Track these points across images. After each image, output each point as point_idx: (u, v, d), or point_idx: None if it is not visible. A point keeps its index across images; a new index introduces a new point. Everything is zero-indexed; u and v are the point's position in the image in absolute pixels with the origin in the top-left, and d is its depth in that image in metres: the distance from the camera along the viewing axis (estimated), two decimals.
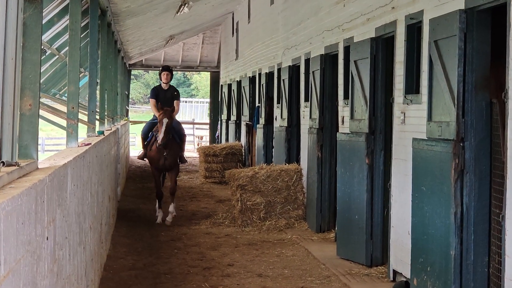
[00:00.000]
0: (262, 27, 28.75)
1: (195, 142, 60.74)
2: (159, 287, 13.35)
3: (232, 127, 36.87)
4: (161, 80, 20.90)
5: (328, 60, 18.66)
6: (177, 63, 49.50)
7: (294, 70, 22.81)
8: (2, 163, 6.67)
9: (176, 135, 20.06)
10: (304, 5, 21.52)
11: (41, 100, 8.70)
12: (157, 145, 19.65)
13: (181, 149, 20.86)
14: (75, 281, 8.99)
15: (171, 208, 20.67)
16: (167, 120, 19.39)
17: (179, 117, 26.44)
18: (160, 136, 19.53)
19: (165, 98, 21.34)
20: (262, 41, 28.57)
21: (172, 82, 23.14)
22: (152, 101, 21.31)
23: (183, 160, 20.61)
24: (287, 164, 21.65)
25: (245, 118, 32.86)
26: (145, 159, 21.65)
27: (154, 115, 21.21)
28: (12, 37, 7.34)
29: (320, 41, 19.33)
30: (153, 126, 20.55)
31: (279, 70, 24.84)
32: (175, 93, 21.08)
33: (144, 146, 20.09)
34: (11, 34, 7.25)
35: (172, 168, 20.38)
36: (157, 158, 19.58)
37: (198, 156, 34.47)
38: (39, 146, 8.05)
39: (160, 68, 20.57)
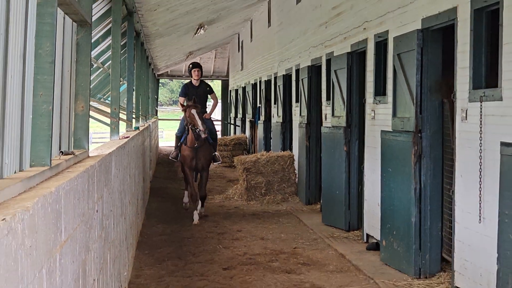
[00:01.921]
0: (261, 44, 28.67)
1: None
2: (183, 248, 13.35)
3: (238, 123, 36.90)
4: (191, 77, 17.06)
5: (314, 70, 18.61)
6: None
7: (287, 78, 22.75)
8: (61, 152, 6.69)
9: (209, 134, 16.20)
10: (295, 28, 21.49)
11: (90, 103, 8.69)
12: (202, 134, 15.60)
13: (214, 149, 16.92)
14: (118, 245, 9.01)
15: (199, 210, 16.58)
16: (195, 110, 15.67)
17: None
18: (199, 124, 15.56)
19: (197, 95, 16.94)
20: (262, 55, 28.50)
21: None
22: (181, 99, 17.27)
23: (216, 159, 16.91)
24: (282, 152, 21.62)
25: (249, 116, 32.82)
26: (177, 159, 17.35)
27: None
28: (68, 54, 7.37)
29: (307, 55, 19.30)
30: (184, 128, 16.56)
31: (275, 78, 24.80)
32: (208, 88, 17.09)
33: (177, 146, 16.53)
34: (67, 52, 7.28)
35: (204, 168, 16.59)
36: (191, 157, 16.02)
37: None
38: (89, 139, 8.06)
39: (190, 66, 16.94)
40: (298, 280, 10.97)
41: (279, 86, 23.75)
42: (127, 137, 12.95)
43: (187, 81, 20.89)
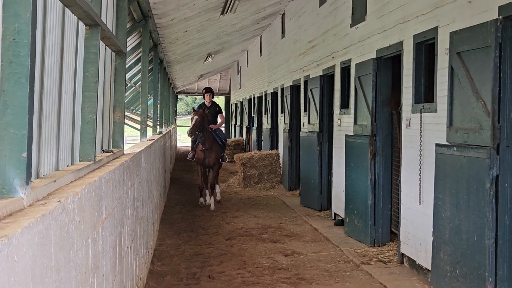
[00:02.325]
0: (255, 69, 28.65)
1: None
2: (195, 224, 13.36)
3: (237, 129, 36.97)
4: (204, 99, 16.77)
5: (294, 88, 18.59)
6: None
7: (274, 95, 22.71)
8: (103, 151, 6.73)
9: (219, 139, 16.03)
10: (280, 57, 21.48)
11: (125, 113, 8.70)
12: (187, 133, 15.60)
13: (223, 150, 16.37)
14: (146, 221, 9.01)
15: (213, 198, 15.87)
16: (196, 117, 15.32)
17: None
18: (189, 129, 15.53)
19: (209, 113, 16.58)
20: (255, 78, 28.48)
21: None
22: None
23: (224, 158, 16.20)
24: (270, 150, 21.59)
25: (245, 123, 32.76)
26: (193, 159, 16.58)
27: None
28: (108, 76, 7.39)
29: (289, 78, 19.29)
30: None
31: (265, 95, 24.75)
32: (217, 108, 16.63)
33: (193, 148, 16.17)
34: (108, 74, 7.30)
35: (213, 165, 15.82)
36: (202, 157, 15.59)
37: None
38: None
39: (203, 90, 16.81)
40: (282, 248, 10.99)
41: (268, 101, 23.72)
42: (153, 139, 12.96)
43: (198, 96, 21.84)
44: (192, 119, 15.35)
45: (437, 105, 8.38)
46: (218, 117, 16.53)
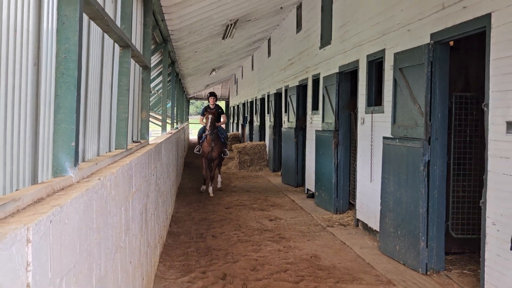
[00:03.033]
0: (248, 81, 28.62)
1: None
2: (202, 196, 13.38)
3: (235, 125, 36.96)
4: (209, 102, 14.79)
5: (277, 95, 18.57)
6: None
7: (262, 100, 22.66)
8: (133, 141, 6.70)
9: (221, 136, 14.29)
10: (267, 71, 21.46)
11: (150, 113, 8.68)
12: (207, 132, 13.68)
13: (225, 146, 14.53)
14: (165, 194, 9.00)
15: (212, 188, 14.06)
16: (211, 116, 13.65)
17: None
18: (208, 124, 13.64)
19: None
20: (248, 87, 28.44)
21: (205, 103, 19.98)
22: (201, 117, 14.67)
23: (225, 153, 14.51)
24: (259, 141, 21.61)
25: (241, 121, 32.73)
26: (199, 152, 14.52)
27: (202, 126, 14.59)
28: (137, 85, 7.37)
29: (274, 87, 19.28)
30: (204, 131, 14.24)
31: (255, 100, 24.70)
32: (220, 110, 14.70)
33: (199, 143, 14.34)
34: (137, 84, 7.28)
35: (216, 158, 14.15)
36: (207, 151, 13.92)
37: None
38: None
39: (208, 94, 15.01)
40: (268, 214, 11.00)
41: (258, 104, 23.69)
42: (170, 133, 12.94)
43: (205, 101, 19.75)
44: (207, 117, 13.72)
45: (384, 108, 8.41)
46: (221, 117, 14.90)
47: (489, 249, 5.56)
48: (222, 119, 14.70)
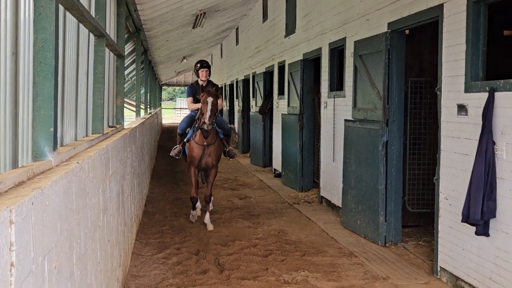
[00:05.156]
0: (218, 68, 28.43)
1: None
2: (176, 178, 13.32)
3: None
4: (198, 78, 8.47)
5: (245, 81, 18.53)
6: (180, 83, 49.06)
7: (231, 86, 22.59)
8: (109, 126, 6.63)
9: (220, 131, 8.26)
10: (235, 59, 21.37)
11: (124, 99, 8.60)
12: (204, 127, 7.53)
13: (227, 144, 8.60)
14: (141, 175, 8.94)
15: (207, 219, 8.09)
16: (211, 99, 7.49)
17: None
18: (207, 115, 7.43)
19: None
20: (218, 74, 28.23)
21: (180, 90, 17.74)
22: (189, 99, 8.45)
23: (232, 154, 8.62)
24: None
25: None
26: (178, 157, 8.44)
27: (191, 111, 8.52)
28: (112, 73, 7.28)
29: (242, 73, 19.24)
30: (191, 121, 8.31)
31: (225, 86, 24.65)
32: (214, 88, 7.90)
33: (181, 143, 8.30)
34: (111, 72, 7.18)
35: (212, 167, 8.15)
36: (199, 156, 7.92)
37: None
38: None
39: (198, 65, 8.47)
40: (238, 193, 11.04)
41: (227, 90, 23.66)
42: (144, 118, 12.83)
43: (177, 86, 17.88)
44: (205, 101, 7.53)
45: (345, 93, 8.47)
46: (219, 96, 8.13)
47: (442, 222, 5.70)
48: (218, 103, 7.96)
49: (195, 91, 8.27)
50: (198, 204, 8.72)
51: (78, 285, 2.91)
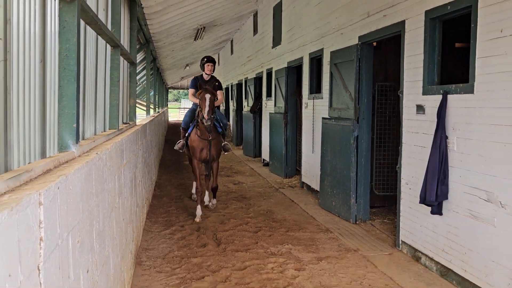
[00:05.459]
0: (215, 74, 28.25)
1: None
2: (180, 166, 13.26)
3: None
4: (203, 71, 7.69)
5: (239, 85, 18.44)
6: (184, 86, 48.67)
7: (227, 89, 22.45)
8: (123, 123, 6.58)
9: (218, 125, 7.54)
10: (230, 66, 21.28)
11: (136, 100, 8.54)
12: (203, 122, 6.78)
13: (223, 138, 7.64)
14: (150, 164, 8.89)
15: (210, 202, 8.09)
16: (209, 95, 6.84)
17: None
18: (205, 110, 6.75)
19: None
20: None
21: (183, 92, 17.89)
22: (191, 90, 7.57)
23: (226, 148, 7.56)
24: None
25: None
26: (182, 150, 7.69)
27: (193, 103, 7.73)
28: (126, 78, 7.22)
29: (236, 79, 19.15)
30: (193, 115, 7.68)
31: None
32: (217, 83, 7.53)
33: (184, 137, 7.67)
34: (125, 77, 7.13)
35: (215, 159, 7.49)
36: (200, 148, 7.24)
37: None
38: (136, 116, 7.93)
39: (205, 59, 7.67)
40: (232, 180, 11.02)
41: (223, 93, 23.56)
42: (153, 116, 12.75)
43: (181, 89, 17.79)
44: (203, 97, 6.90)
45: (323, 95, 8.47)
46: (218, 94, 7.37)
47: (403, 203, 5.73)
48: (218, 98, 7.36)
49: (198, 84, 7.42)
50: (206, 198, 8.03)
51: (98, 256, 2.91)
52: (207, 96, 6.88)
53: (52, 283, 1.91)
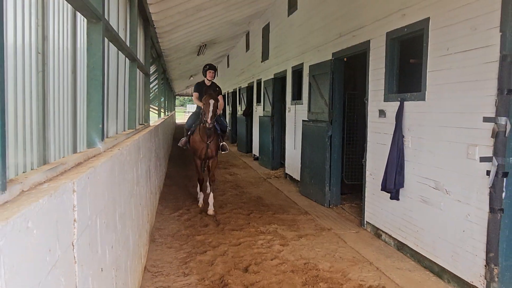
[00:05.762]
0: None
1: None
2: (186, 160, 13.19)
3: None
4: (205, 77, 7.07)
5: (234, 93, 18.35)
6: (189, 94, 48.19)
7: (223, 97, 22.41)
8: (139, 124, 6.52)
9: (218, 128, 6.89)
10: (226, 77, 21.16)
11: (150, 105, 8.48)
12: (207, 125, 6.20)
13: (222, 139, 6.96)
14: (161, 158, 8.83)
15: (211, 199, 6.73)
16: (213, 101, 6.20)
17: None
18: (209, 115, 6.15)
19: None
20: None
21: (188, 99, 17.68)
22: (195, 94, 7.09)
23: (224, 148, 6.96)
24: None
25: None
26: (185, 147, 7.16)
27: (197, 106, 7.24)
28: (141, 87, 7.15)
29: (231, 88, 19.06)
30: (196, 118, 7.01)
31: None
32: (217, 88, 7.04)
33: (188, 135, 7.07)
34: (141, 86, 7.06)
35: (212, 156, 6.83)
36: (200, 148, 6.73)
37: None
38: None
39: (207, 66, 7.06)
40: (228, 171, 11.00)
41: (223, 98, 23.42)
42: (164, 118, 12.67)
43: (186, 96, 17.72)
44: (207, 103, 6.28)
45: (303, 101, 8.47)
46: (218, 99, 6.58)
47: (368, 190, 5.78)
48: (220, 102, 6.72)
49: (201, 88, 7.09)
50: (201, 195, 7.40)
51: (120, 234, 2.90)
52: (211, 101, 6.26)
53: (84, 256, 1.92)
